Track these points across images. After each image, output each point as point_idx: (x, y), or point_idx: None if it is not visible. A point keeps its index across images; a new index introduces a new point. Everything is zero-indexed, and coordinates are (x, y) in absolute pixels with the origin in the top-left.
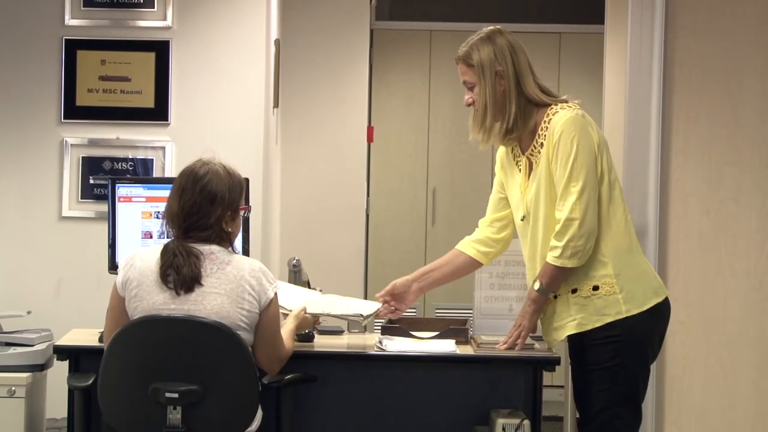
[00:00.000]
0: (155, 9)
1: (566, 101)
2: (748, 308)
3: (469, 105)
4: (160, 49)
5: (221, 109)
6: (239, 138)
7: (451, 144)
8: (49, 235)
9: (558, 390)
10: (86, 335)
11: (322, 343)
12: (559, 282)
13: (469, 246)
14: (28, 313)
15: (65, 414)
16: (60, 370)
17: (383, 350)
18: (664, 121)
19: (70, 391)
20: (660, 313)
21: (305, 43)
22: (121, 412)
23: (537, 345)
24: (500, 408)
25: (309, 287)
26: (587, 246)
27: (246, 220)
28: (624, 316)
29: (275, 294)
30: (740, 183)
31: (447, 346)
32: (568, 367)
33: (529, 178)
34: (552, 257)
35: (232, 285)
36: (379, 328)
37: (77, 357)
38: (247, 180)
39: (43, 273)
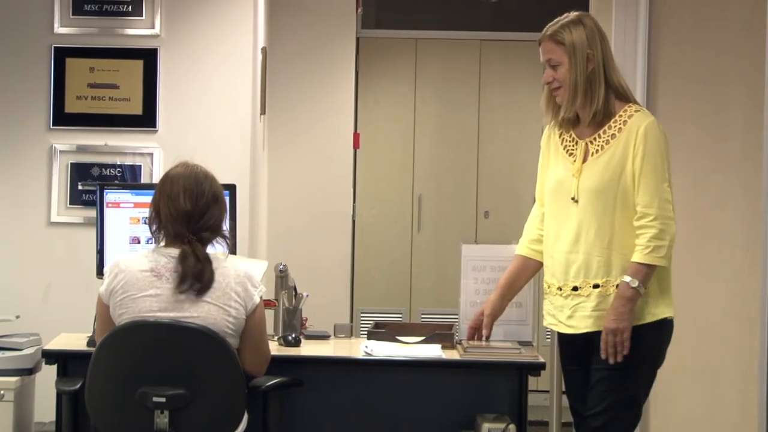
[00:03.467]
0: (143, 17)
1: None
2: (732, 314)
3: (548, 83)
4: (148, 57)
5: (209, 116)
6: (226, 145)
7: (437, 151)
8: (38, 240)
9: (543, 395)
10: (74, 340)
11: (308, 348)
12: (649, 280)
13: (525, 248)
14: (17, 317)
15: (53, 418)
16: (48, 374)
17: (370, 355)
18: None
19: (58, 395)
20: (672, 325)
21: (292, 50)
22: (109, 416)
23: (523, 350)
24: (486, 412)
25: (296, 293)
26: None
27: (233, 226)
28: (651, 320)
29: (261, 298)
30: (725, 189)
31: (433, 351)
32: (554, 371)
33: (584, 163)
34: (654, 256)
35: (218, 293)
36: (366, 333)
37: (65, 361)
38: (234, 186)
39: (31, 278)
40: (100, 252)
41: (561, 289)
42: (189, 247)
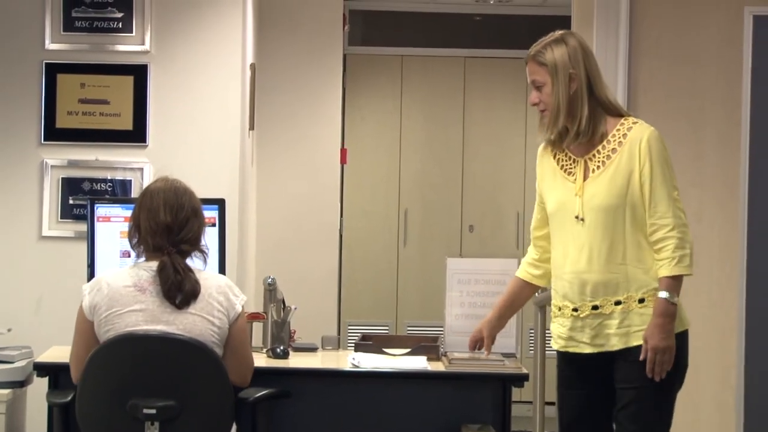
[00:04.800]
0: (133, 34)
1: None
2: (710, 325)
3: (534, 105)
4: (139, 73)
5: (198, 132)
6: (216, 159)
7: (423, 166)
8: (30, 254)
9: (527, 405)
10: (66, 352)
11: (296, 360)
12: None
13: (523, 271)
14: (9, 330)
15: (45, 430)
16: (40, 386)
17: (357, 367)
18: None
19: (50, 408)
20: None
21: (280, 67)
22: (100, 428)
23: (507, 362)
24: (470, 423)
25: (284, 305)
26: None
27: (222, 240)
28: (680, 330)
29: (242, 307)
30: (702, 203)
31: (419, 363)
32: (537, 382)
33: (585, 181)
34: (681, 267)
35: (201, 304)
36: (353, 345)
37: (57, 374)
38: (223, 200)
39: (23, 291)
40: (91, 266)
41: (577, 311)
42: (168, 259)
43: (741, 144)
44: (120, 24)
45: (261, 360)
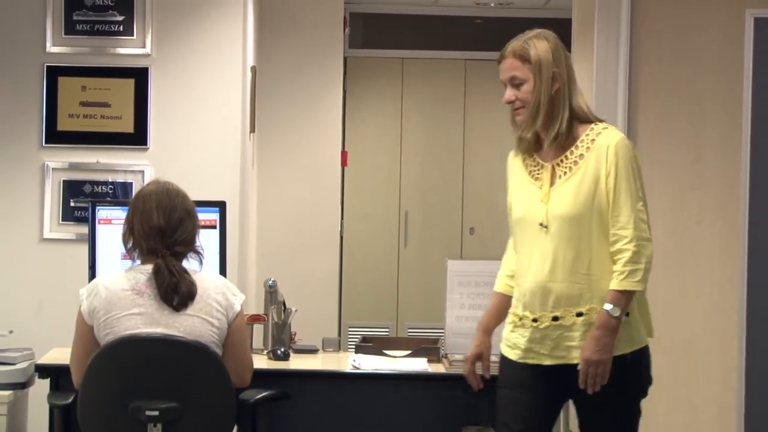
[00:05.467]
0: (134, 37)
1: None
2: (710, 327)
3: (509, 102)
4: (140, 76)
5: (199, 134)
6: (216, 162)
7: (423, 168)
8: (31, 256)
9: None
10: (67, 354)
11: (297, 361)
12: (629, 306)
13: (503, 284)
14: (10, 332)
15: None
16: (41, 388)
17: (357, 369)
18: None
19: (51, 409)
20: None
21: (281, 70)
22: (102, 430)
23: None
24: (471, 424)
25: (285, 308)
26: None
27: (223, 242)
28: (639, 347)
29: (241, 306)
30: (702, 206)
31: (419, 365)
32: None
33: (552, 187)
34: (630, 281)
35: (200, 305)
36: (354, 347)
37: (58, 375)
38: (224, 203)
39: (25, 293)
40: (92, 268)
41: (537, 321)
42: (163, 261)
43: (742, 146)
44: (121, 27)
45: (262, 362)
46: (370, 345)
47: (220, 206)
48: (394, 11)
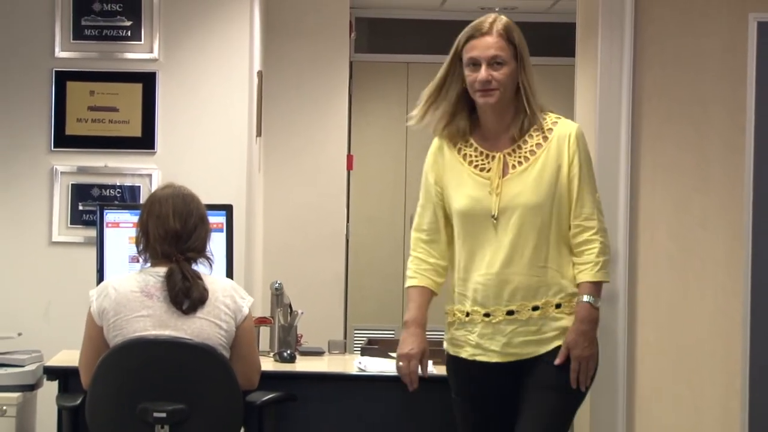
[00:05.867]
0: (142, 42)
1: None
2: (715, 330)
3: (486, 81)
4: (147, 81)
5: (206, 138)
6: (223, 166)
7: None
8: (40, 259)
9: None
10: (75, 356)
11: (303, 363)
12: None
13: (425, 278)
14: (19, 334)
15: None
16: (49, 390)
17: (363, 371)
18: (633, 149)
19: (59, 411)
20: None
21: (287, 74)
22: (110, 431)
23: None
24: None
25: (291, 310)
26: None
27: (229, 245)
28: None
29: (249, 309)
30: (707, 209)
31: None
32: None
33: (504, 178)
34: (604, 273)
35: (208, 308)
36: (359, 349)
37: (66, 377)
38: (230, 206)
39: (33, 296)
40: (100, 271)
41: (489, 316)
42: (176, 266)
43: (745, 149)
44: (129, 32)
45: (268, 364)
46: (375, 347)
47: (227, 209)
48: (399, 16)
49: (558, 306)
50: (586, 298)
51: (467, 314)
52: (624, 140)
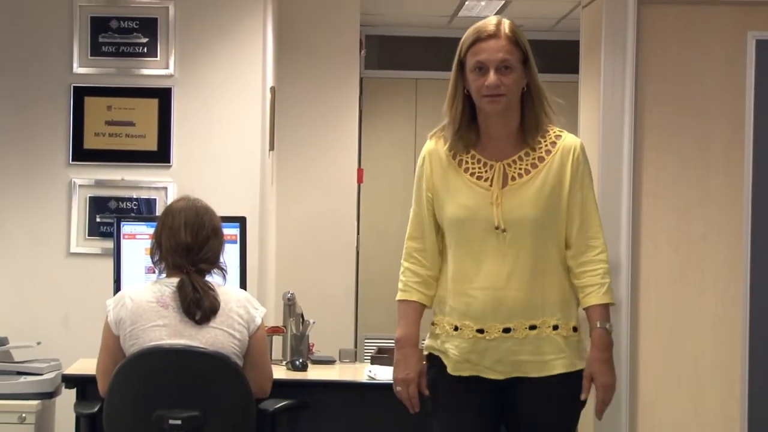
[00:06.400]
0: (158, 58)
1: None
2: (716, 340)
3: (495, 87)
4: (163, 96)
5: (220, 152)
6: (237, 179)
7: None
8: (58, 270)
9: None
10: (92, 365)
11: (315, 372)
12: None
13: (416, 292)
14: (38, 343)
15: None
16: (68, 397)
17: (373, 379)
18: (635, 163)
19: (77, 418)
20: None
21: (299, 90)
22: None
23: None
24: None
25: (303, 320)
26: None
27: (243, 256)
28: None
29: (262, 319)
30: (708, 222)
31: None
32: None
33: (504, 188)
34: (611, 295)
35: (222, 318)
36: (370, 357)
37: (84, 385)
38: (244, 218)
39: (52, 306)
40: (117, 281)
41: (483, 332)
42: (187, 277)
43: (744, 163)
44: (145, 49)
45: (280, 372)
46: (385, 356)
47: (241, 222)
48: (408, 33)
49: (555, 327)
50: (599, 323)
51: (456, 328)
52: (627, 154)
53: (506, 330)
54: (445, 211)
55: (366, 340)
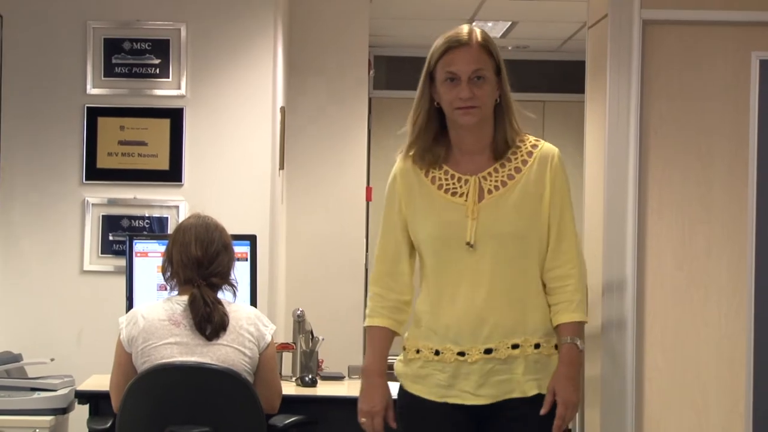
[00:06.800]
0: (170, 79)
1: None
2: (719, 356)
3: (467, 99)
4: (175, 116)
5: (231, 171)
6: (247, 198)
7: None
8: (72, 287)
9: None
10: (105, 381)
11: (324, 388)
12: None
13: (387, 318)
14: (52, 360)
15: None
16: (81, 413)
17: None
18: (640, 182)
19: None
20: None
21: (309, 110)
22: None
23: None
24: None
25: (312, 337)
26: None
27: (253, 274)
28: None
29: (272, 336)
30: (711, 239)
31: None
32: None
33: (481, 202)
34: (584, 311)
35: (232, 335)
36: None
37: (97, 401)
38: (254, 237)
39: (65, 323)
40: (129, 298)
41: (464, 354)
42: (198, 291)
43: (748, 180)
44: (157, 70)
45: (290, 388)
46: (393, 372)
47: (251, 240)
48: (416, 54)
49: (537, 346)
50: (569, 339)
51: (437, 352)
52: (632, 171)
53: (488, 351)
54: (421, 231)
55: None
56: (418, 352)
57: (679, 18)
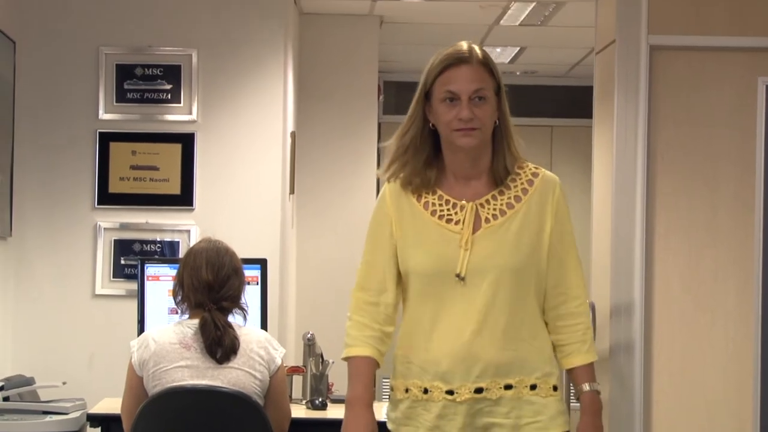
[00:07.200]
0: (181, 104)
1: None
2: (726, 378)
3: (468, 120)
4: (186, 141)
5: (242, 196)
6: (258, 222)
7: None
8: (84, 311)
9: None
10: (117, 404)
11: (334, 411)
12: None
13: (371, 348)
14: (64, 383)
15: None
16: None
17: None
18: (647, 206)
19: None
20: None
21: (319, 135)
22: None
23: None
24: None
25: (322, 360)
26: None
27: (264, 297)
28: (567, 428)
29: (282, 359)
30: (718, 263)
31: None
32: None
33: (476, 233)
34: (593, 352)
35: (243, 358)
36: (388, 397)
37: (108, 424)
38: (265, 260)
39: (77, 346)
40: (141, 322)
41: (453, 393)
42: (209, 315)
43: (755, 205)
44: (169, 95)
45: (300, 411)
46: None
47: (262, 264)
48: None
49: (533, 387)
50: (587, 386)
51: (425, 390)
52: (640, 196)
53: (478, 390)
54: (411, 260)
55: (384, 380)
56: (407, 391)
57: (685, 44)
